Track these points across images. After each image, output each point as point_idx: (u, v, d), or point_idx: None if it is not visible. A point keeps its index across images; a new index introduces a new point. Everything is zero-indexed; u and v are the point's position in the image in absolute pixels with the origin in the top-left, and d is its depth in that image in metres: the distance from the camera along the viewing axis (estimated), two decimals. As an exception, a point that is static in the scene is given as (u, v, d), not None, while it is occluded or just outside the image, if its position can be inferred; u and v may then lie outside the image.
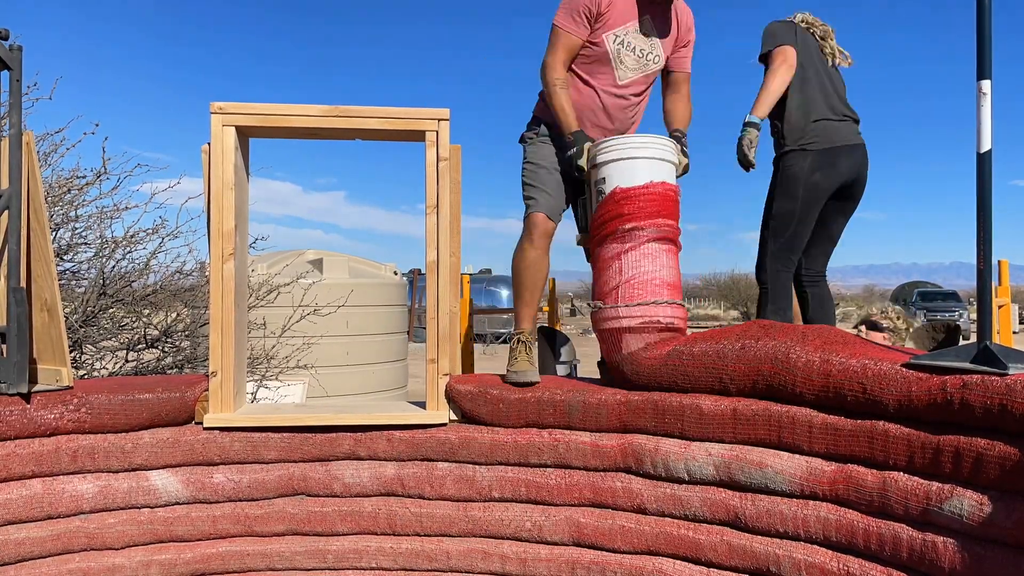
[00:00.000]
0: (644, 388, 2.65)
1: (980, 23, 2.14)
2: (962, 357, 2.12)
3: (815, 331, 2.46)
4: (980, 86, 2.16)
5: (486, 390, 2.75)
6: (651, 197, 2.70)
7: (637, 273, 2.69)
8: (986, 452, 1.93)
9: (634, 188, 2.70)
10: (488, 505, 2.72)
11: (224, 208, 2.75)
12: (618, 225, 2.70)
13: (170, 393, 2.71)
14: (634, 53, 3.06)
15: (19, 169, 2.55)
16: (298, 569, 2.76)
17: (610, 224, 2.73)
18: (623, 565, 2.58)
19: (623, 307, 2.68)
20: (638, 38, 3.06)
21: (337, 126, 2.83)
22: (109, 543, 2.63)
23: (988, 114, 2.15)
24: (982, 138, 2.15)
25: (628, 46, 3.05)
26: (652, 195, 2.70)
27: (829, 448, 2.27)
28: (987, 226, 2.14)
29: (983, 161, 2.16)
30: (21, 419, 2.51)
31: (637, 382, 2.66)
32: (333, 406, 3.15)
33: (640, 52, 3.07)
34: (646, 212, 2.69)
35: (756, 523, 2.37)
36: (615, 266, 2.73)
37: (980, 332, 2.19)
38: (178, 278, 4.70)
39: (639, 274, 2.69)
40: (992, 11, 2.15)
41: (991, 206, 2.14)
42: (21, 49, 2.61)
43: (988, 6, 2.15)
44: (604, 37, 3.01)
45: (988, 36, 2.16)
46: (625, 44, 3.04)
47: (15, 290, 2.50)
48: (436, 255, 2.84)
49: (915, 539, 2.07)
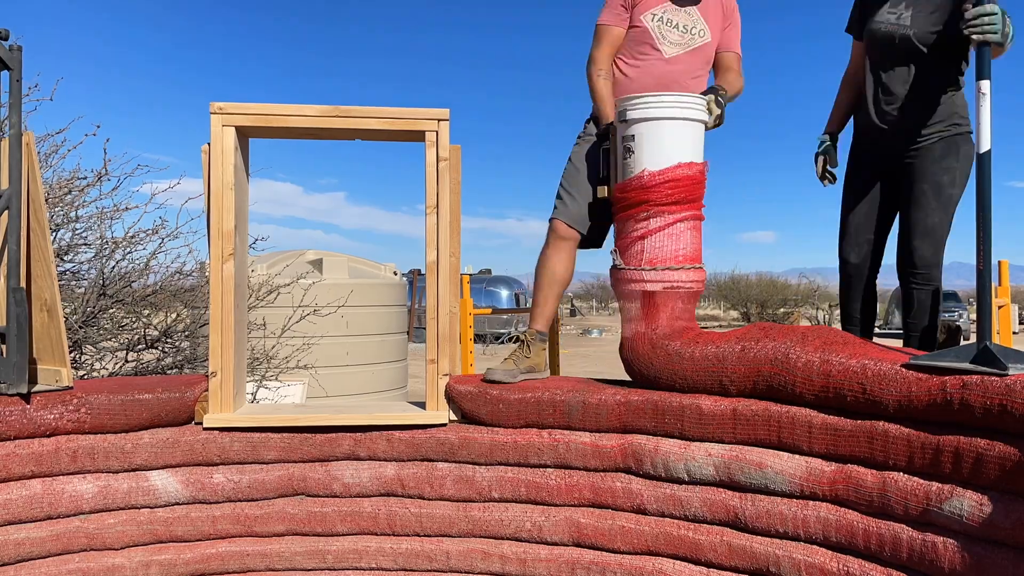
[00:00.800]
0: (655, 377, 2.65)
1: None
2: (962, 357, 2.11)
3: (815, 331, 2.46)
4: (980, 86, 2.18)
5: (486, 390, 2.75)
6: (678, 184, 2.70)
7: (660, 254, 2.72)
8: (986, 452, 1.94)
9: (662, 173, 2.69)
10: (488, 505, 2.72)
11: (224, 208, 2.75)
12: (644, 210, 2.72)
13: (170, 393, 2.71)
14: (676, 29, 3.08)
15: (19, 169, 2.55)
16: (298, 569, 2.76)
17: (635, 208, 2.74)
18: (623, 565, 2.58)
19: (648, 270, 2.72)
20: (678, 14, 3.08)
21: (337, 126, 2.83)
22: (109, 543, 2.63)
23: (987, 115, 2.16)
24: (981, 139, 2.16)
25: (669, 23, 3.07)
26: (680, 181, 2.70)
27: (829, 448, 2.27)
28: (987, 227, 2.15)
29: (983, 161, 2.16)
30: (21, 419, 2.51)
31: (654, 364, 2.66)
32: (333, 406, 3.15)
33: (684, 27, 3.09)
34: (672, 198, 2.70)
35: (756, 523, 2.37)
36: (638, 245, 2.75)
37: (980, 332, 2.19)
38: (178, 278, 4.70)
39: (662, 254, 2.72)
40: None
41: (991, 207, 2.15)
42: (21, 49, 2.61)
43: None
44: (642, 17, 3.05)
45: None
46: (665, 21, 3.07)
47: (15, 290, 2.50)
48: (436, 255, 2.84)
49: (915, 539, 2.07)
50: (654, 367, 2.65)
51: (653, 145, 2.72)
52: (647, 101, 2.73)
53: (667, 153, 2.71)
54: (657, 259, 2.72)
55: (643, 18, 3.06)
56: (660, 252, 2.72)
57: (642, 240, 2.74)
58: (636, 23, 3.07)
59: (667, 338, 2.66)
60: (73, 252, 4.29)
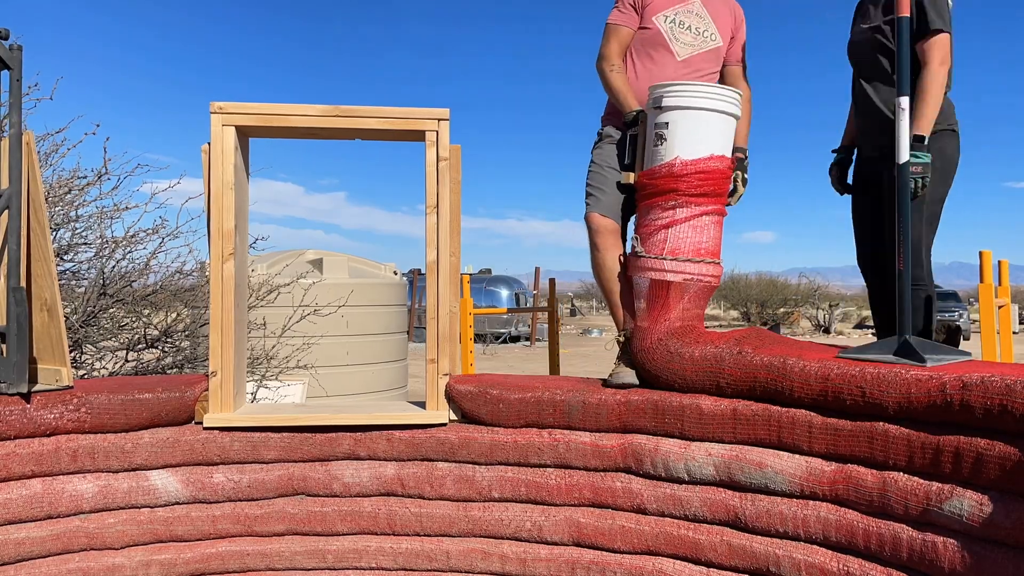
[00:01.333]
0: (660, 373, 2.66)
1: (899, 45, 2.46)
2: (884, 351, 2.34)
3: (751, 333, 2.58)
4: (899, 102, 2.44)
5: (486, 390, 2.75)
6: (710, 176, 2.69)
7: (683, 244, 2.72)
8: (986, 452, 1.94)
9: (694, 163, 2.68)
10: (488, 505, 2.72)
11: (224, 208, 2.75)
12: (672, 199, 2.71)
13: (170, 393, 2.71)
14: (689, 31, 3.12)
15: (19, 169, 2.55)
16: (298, 569, 2.76)
17: (663, 196, 2.72)
18: (623, 565, 2.58)
19: (669, 260, 2.73)
20: (690, 16, 3.12)
21: (337, 126, 2.83)
22: (109, 543, 2.63)
23: (906, 128, 2.44)
24: (900, 150, 2.43)
25: (681, 24, 3.11)
26: (711, 173, 2.70)
27: (829, 448, 2.27)
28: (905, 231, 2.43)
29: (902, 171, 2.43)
30: (21, 419, 2.51)
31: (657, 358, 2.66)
32: (333, 406, 3.16)
33: (696, 30, 3.13)
34: (701, 190, 2.70)
35: (756, 523, 2.37)
36: (662, 234, 2.74)
37: (900, 327, 2.40)
38: (178, 278, 4.70)
39: (685, 245, 2.72)
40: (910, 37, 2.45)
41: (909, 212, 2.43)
42: (21, 49, 2.61)
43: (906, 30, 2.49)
44: (654, 18, 3.09)
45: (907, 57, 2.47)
46: (677, 23, 3.11)
47: (15, 290, 2.50)
48: (436, 255, 2.84)
49: (915, 539, 2.07)
50: (656, 364, 2.65)
51: (688, 133, 2.70)
52: (686, 89, 2.74)
53: (702, 142, 2.70)
54: (680, 250, 2.71)
55: (655, 19, 3.09)
56: (683, 243, 2.71)
57: (666, 229, 2.72)
58: (648, 24, 3.09)
59: (672, 336, 2.66)
60: (73, 251, 4.29)
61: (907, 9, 2.55)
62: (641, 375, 2.74)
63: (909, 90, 2.50)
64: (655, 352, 2.65)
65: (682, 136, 2.70)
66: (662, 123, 2.74)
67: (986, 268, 4.85)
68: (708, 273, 2.74)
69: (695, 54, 3.11)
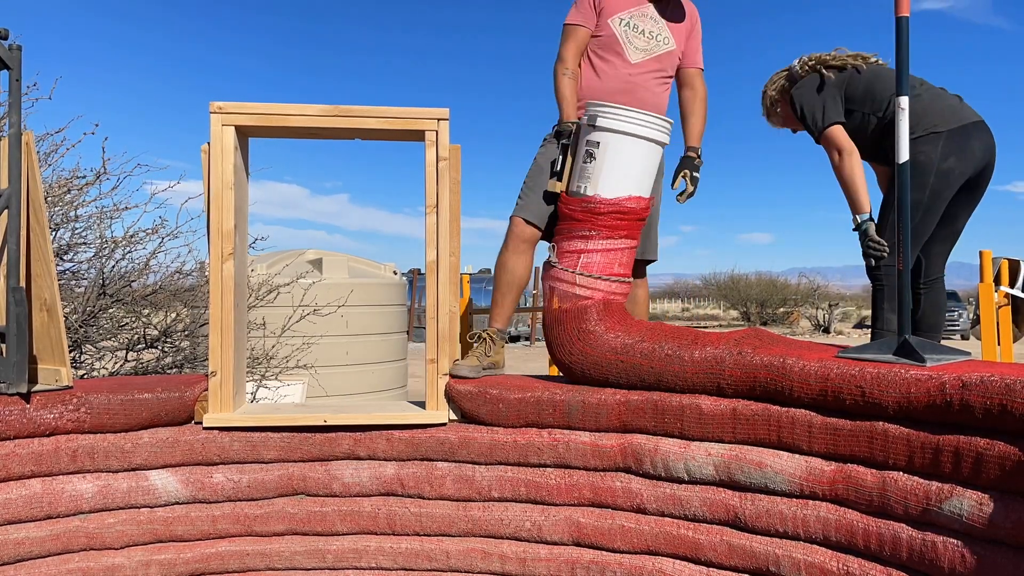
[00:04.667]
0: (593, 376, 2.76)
1: (899, 46, 2.43)
2: (884, 350, 2.34)
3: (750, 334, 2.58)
4: (898, 102, 2.43)
5: (486, 390, 2.75)
6: (625, 216, 2.85)
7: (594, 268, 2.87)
8: (986, 452, 1.94)
9: (614, 203, 2.81)
10: (488, 505, 2.72)
11: (224, 208, 2.75)
12: (589, 228, 2.85)
13: (170, 393, 2.71)
14: (643, 35, 3.16)
15: (19, 169, 2.55)
16: (297, 569, 2.76)
17: (579, 224, 2.87)
18: (623, 565, 2.58)
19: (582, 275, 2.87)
20: (645, 20, 3.17)
21: (337, 126, 2.83)
22: (109, 543, 2.63)
23: (906, 128, 2.42)
24: (900, 150, 2.41)
25: (635, 28, 3.15)
26: (627, 214, 2.85)
27: (829, 448, 2.27)
28: (905, 231, 2.41)
29: (902, 171, 2.42)
30: (21, 419, 2.51)
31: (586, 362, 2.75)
32: (333, 406, 3.15)
33: (649, 33, 3.17)
34: (613, 228, 2.86)
35: (756, 523, 2.37)
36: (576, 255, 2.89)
37: (900, 327, 2.39)
38: (178, 278, 4.70)
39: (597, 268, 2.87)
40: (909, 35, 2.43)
41: (908, 213, 2.43)
42: (21, 49, 2.61)
43: (905, 29, 2.44)
44: (610, 21, 3.12)
45: (905, 58, 2.45)
46: (632, 26, 3.15)
47: (15, 290, 2.50)
48: (436, 255, 2.84)
49: (915, 539, 2.07)
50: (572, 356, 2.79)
51: (613, 168, 2.81)
52: (619, 113, 2.80)
53: (624, 180, 2.81)
54: (591, 267, 2.86)
55: (610, 22, 3.13)
56: (595, 265, 2.86)
57: (580, 253, 2.87)
58: (604, 27, 3.14)
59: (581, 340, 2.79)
60: (73, 251, 4.29)
61: (907, 9, 2.55)
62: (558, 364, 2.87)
63: (907, 91, 2.51)
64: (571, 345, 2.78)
65: (608, 168, 2.81)
66: (594, 142, 2.83)
67: (986, 268, 4.85)
68: (616, 291, 2.88)
69: (647, 58, 3.17)
